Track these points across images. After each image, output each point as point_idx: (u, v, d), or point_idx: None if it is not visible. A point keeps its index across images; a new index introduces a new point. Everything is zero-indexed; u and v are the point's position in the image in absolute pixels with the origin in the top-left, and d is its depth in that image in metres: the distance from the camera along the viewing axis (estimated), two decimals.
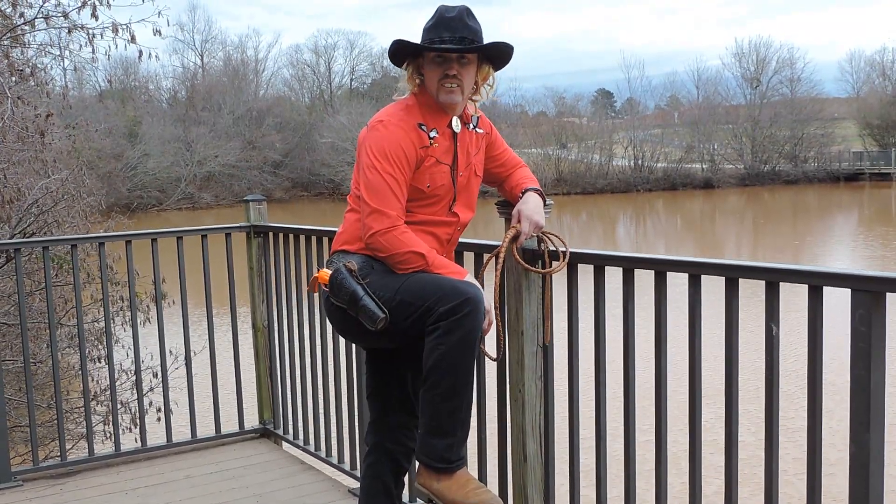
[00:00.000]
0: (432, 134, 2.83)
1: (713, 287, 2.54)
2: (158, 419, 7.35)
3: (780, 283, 2.30)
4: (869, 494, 2.07)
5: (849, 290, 2.08)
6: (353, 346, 3.99)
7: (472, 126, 2.97)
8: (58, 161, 10.74)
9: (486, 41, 2.82)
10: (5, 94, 8.57)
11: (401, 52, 2.84)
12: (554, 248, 2.95)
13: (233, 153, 55.61)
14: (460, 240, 3.10)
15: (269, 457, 4.72)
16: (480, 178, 3.05)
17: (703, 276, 2.52)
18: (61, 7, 9.73)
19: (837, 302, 2.27)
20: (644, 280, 2.70)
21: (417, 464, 2.81)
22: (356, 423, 4.10)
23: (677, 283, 2.60)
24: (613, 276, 2.82)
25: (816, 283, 2.20)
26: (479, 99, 2.97)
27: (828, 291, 2.19)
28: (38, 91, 10.82)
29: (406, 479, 3.15)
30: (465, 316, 2.60)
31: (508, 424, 3.19)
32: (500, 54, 2.87)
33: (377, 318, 2.66)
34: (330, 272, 2.79)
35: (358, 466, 4.10)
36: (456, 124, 2.89)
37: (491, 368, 3.20)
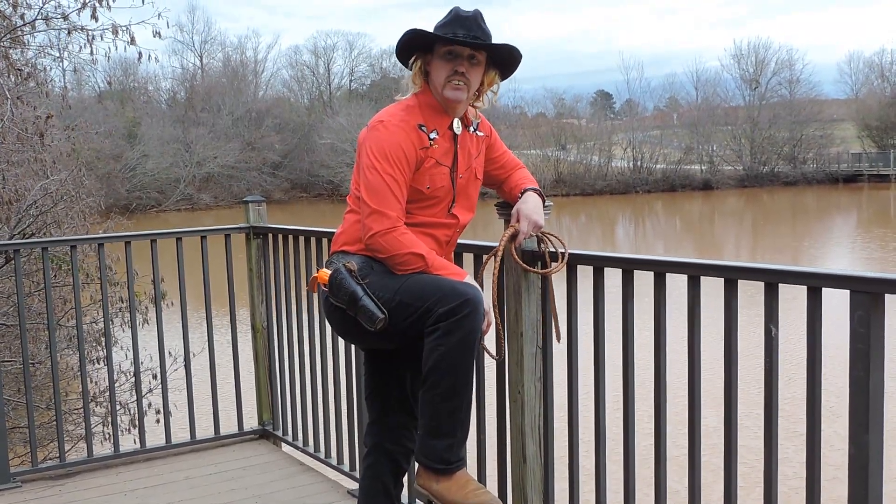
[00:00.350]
0: (432, 135, 2.83)
1: (712, 289, 2.54)
2: (157, 420, 7.35)
3: (780, 285, 2.31)
4: (868, 496, 2.07)
5: (847, 292, 2.09)
6: (353, 346, 3.99)
7: (472, 129, 2.97)
8: (57, 162, 10.75)
9: None
10: (5, 96, 8.57)
11: (412, 43, 2.84)
12: (553, 250, 2.95)
13: (232, 154, 55.62)
14: (459, 241, 3.10)
15: (268, 458, 4.72)
16: (480, 181, 3.05)
17: (702, 278, 2.52)
18: (61, 9, 9.75)
19: (837, 303, 2.27)
20: (643, 281, 2.70)
21: (417, 465, 2.81)
22: (355, 424, 4.10)
23: (677, 285, 2.60)
24: (613, 277, 2.82)
25: (815, 284, 2.19)
26: (481, 105, 2.97)
27: (827, 293, 2.19)
28: (38, 92, 10.83)
29: (405, 479, 3.15)
30: (464, 317, 2.60)
31: (508, 425, 3.19)
32: (509, 58, 2.88)
33: (376, 318, 2.66)
34: (329, 272, 2.79)
35: (357, 467, 4.10)
36: (457, 126, 2.89)
37: (490, 369, 3.21)
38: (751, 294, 2.49)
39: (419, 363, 2.72)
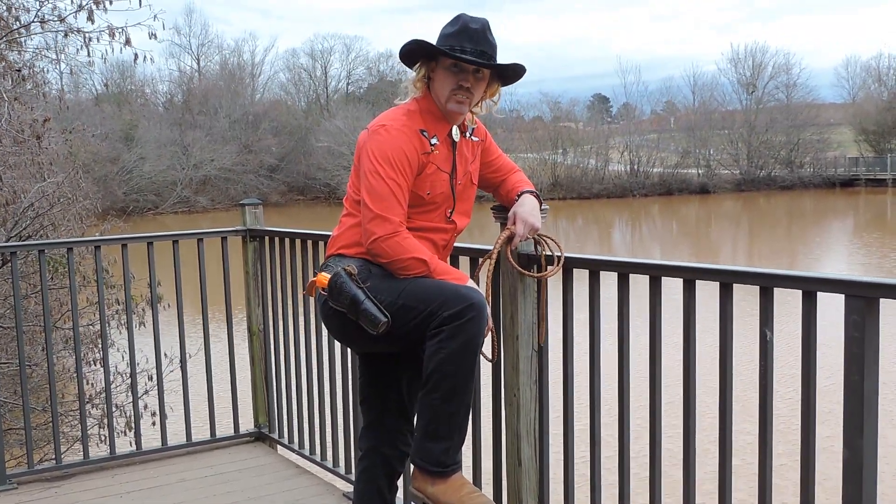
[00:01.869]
0: (433, 141, 2.83)
1: (708, 292, 2.55)
2: (153, 423, 7.32)
3: (775, 289, 2.31)
4: (862, 499, 2.08)
5: (842, 296, 2.09)
6: (349, 349, 3.99)
7: (468, 134, 2.97)
8: (54, 164, 10.74)
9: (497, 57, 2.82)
10: (2, 98, 8.57)
11: (416, 51, 2.83)
12: (549, 253, 2.95)
13: (229, 157, 55.61)
14: (455, 244, 3.10)
15: (263, 461, 4.72)
16: (476, 186, 3.05)
17: (697, 281, 2.52)
18: (57, 11, 9.74)
19: (832, 308, 2.28)
20: (639, 285, 2.71)
21: (412, 467, 2.81)
22: (351, 427, 4.10)
23: (672, 289, 2.61)
24: (609, 280, 2.82)
25: (810, 288, 2.20)
26: (478, 111, 2.97)
27: (822, 297, 2.19)
28: (35, 94, 10.82)
29: (400, 482, 3.15)
30: (468, 321, 2.59)
31: (503, 429, 3.19)
32: (513, 74, 2.88)
33: (379, 321, 2.64)
34: (329, 276, 2.76)
35: (353, 470, 4.10)
36: (455, 133, 2.89)
37: (486, 372, 3.21)
38: (742, 297, 2.50)
39: (417, 367, 2.71)
